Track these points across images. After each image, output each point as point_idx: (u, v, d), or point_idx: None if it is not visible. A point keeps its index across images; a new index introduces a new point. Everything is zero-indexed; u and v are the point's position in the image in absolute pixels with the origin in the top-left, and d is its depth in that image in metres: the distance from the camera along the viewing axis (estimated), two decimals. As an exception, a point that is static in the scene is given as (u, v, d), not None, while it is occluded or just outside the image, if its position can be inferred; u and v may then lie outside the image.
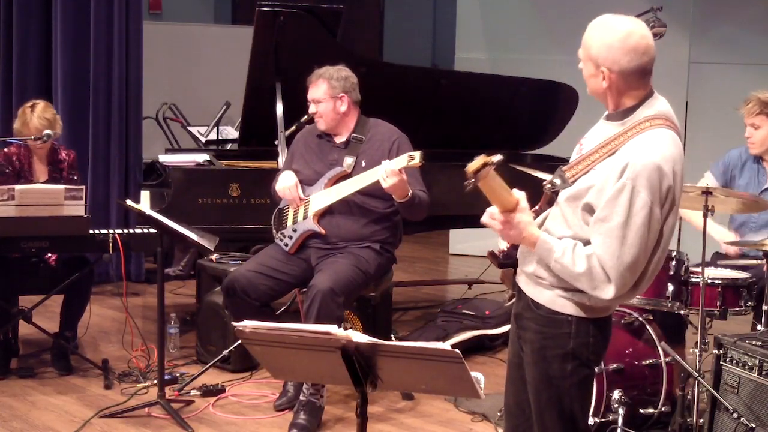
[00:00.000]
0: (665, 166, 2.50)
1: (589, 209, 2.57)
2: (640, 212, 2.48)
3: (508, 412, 2.93)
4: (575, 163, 2.64)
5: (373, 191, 4.29)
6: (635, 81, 2.58)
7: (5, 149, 4.97)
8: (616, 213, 2.49)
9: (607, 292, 2.53)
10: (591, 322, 2.66)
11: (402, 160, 4.10)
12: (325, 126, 4.48)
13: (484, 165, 2.42)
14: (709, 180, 4.66)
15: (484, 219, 2.63)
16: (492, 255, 2.79)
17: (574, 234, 2.60)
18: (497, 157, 2.45)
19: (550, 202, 2.69)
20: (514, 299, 2.87)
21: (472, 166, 2.43)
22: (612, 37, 2.55)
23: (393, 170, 4.07)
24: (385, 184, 4.10)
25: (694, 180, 4.88)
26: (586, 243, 2.57)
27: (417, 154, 4.06)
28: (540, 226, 2.68)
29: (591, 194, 2.56)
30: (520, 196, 2.61)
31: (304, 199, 4.45)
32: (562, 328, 2.65)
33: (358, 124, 4.49)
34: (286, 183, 4.47)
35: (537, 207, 2.70)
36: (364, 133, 4.48)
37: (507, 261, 2.78)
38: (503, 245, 2.79)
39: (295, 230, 4.44)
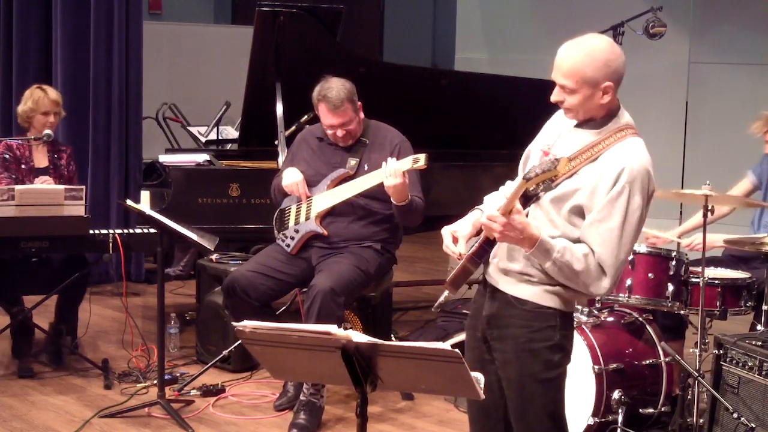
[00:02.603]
0: (652, 171, 2.68)
1: (578, 211, 2.68)
2: (635, 213, 2.65)
3: (473, 419, 3.00)
4: None
5: (375, 193, 4.28)
6: (619, 85, 2.71)
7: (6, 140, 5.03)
8: (615, 214, 2.63)
9: (601, 287, 2.68)
10: (568, 315, 2.79)
11: (407, 162, 4.10)
12: (353, 140, 4.43)
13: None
14: (749, 179, 4.74)
15: (483, 221, 2.68)
16: (473, 262, 2.78)
17: (561, 234, 2.70)
18: None
19: (525, 199, 2.73)
20: (441, 301, 2.92)
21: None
22: (601, 53, 2.65)
23: (397, 171, 4.06)
24: (387, 182, 4.09)
25: (696, 181, 4.87)
26: (574, 242, 2.68)
27: (422, 157, 4.05)
28: None
29: (580, 196, 2.67)
30: None
31: (310, 195, 4.44)
32: (548, 321, 2.75)
33: (362, 126, 4.48)
34: (292, 179, 4.44)
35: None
36: (367, 135, 4.45)
37: (484, 261, 2.80)
38: (462, 248, 2.79)
39: (297, 231, 4.43)
